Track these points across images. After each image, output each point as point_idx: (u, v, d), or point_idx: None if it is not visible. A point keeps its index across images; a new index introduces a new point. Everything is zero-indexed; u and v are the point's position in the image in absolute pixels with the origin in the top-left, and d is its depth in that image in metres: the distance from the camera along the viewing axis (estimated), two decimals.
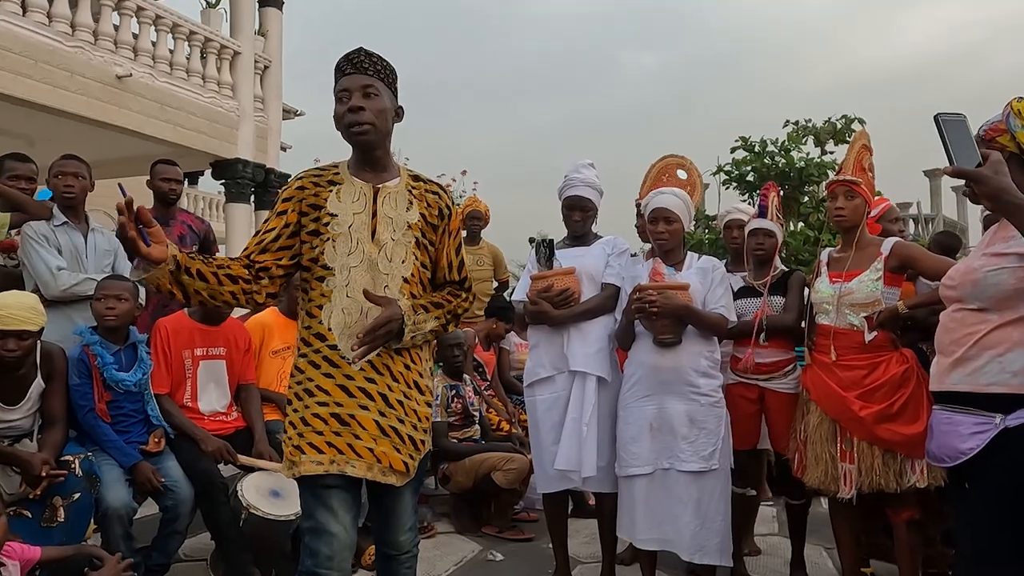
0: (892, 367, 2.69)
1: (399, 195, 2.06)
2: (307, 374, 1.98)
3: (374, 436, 1.95)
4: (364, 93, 1.97)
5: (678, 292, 2.81)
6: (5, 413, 2.72)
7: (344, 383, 1.95)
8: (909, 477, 2.62)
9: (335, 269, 1.97)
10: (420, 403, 2.07)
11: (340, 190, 2.02)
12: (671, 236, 2.94)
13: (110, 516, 2.73)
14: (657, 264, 2.98)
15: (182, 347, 3.30)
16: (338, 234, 1.98)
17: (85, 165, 3.54)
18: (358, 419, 1.94)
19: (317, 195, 2.01)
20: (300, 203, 2.01)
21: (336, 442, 1.93)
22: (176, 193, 4.22)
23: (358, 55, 2.01)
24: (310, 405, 1.95)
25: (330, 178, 2.05)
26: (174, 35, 8.02)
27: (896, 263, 2.76)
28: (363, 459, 1.94)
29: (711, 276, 2.93)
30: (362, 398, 1.95)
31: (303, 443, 1.94)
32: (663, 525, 2.81)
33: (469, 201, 6.32)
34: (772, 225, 3.26)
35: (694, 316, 2.83)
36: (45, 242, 3.33)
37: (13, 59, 6.35)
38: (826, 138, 12.79)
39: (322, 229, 1.99)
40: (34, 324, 2.67)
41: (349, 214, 2.00)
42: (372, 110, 1.97)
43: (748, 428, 3.16)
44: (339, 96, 2.00)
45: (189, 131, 8.09)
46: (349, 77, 1.99)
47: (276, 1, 9.54)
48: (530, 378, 3.17)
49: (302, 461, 1.94)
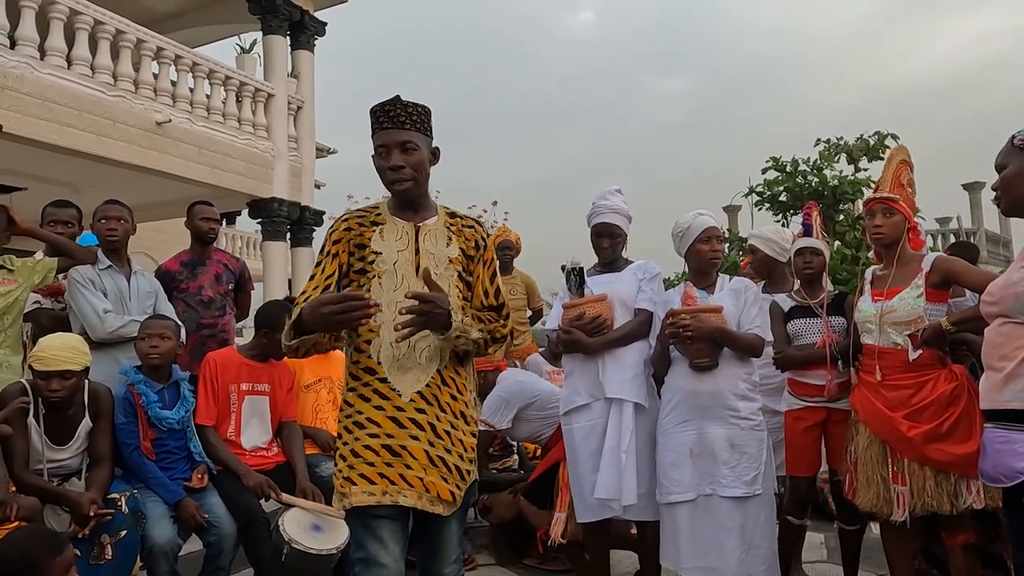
0: (940, 385, 2.62)
1: (439, 232, 2.14)
2: (356, 407, 2.03)
3: (424, 466, 1.99)
4: (402, 149, 2.04)
5: (711, 315, 2.79)
6: (55, 453, 2.78)
7: (395, 415, 1.99)
8: (965, 498, 2.54)
9: (381, 304, 2.01)
10: (466, 433, 2.10)
11: (383, 229, 2.10)
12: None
13: (156, 553, 2.76)
14: (688, 288, 2.96)
15: (229, 381, 3.35)
16: (383, 271, 2.05)
17: (127, 209, 3.64)
18: (409, 449, 1.98)
19: (362, 235, 2.09)
20: (348, 244, 2.09)
21: (388, 473, 1.97)
22: (214, 233, 4.32)
23: (394, 107, 2.06)
24: (360, 437, 2.00)
25: (373, 219, 2.13)
26: (210, 80, 8.28)
27: (938, 279, 2.70)
28: (413, 488, 1.97)
29: (744, 296, 2.91)
30: (412, 429, 1.99)
31: (354, 475, 1.98)
32: (708, 552, 2.75)
33: (500, 231, 6.33)
34: (818, 243, 3.24)
35: (729, 338, 2.80)
36: (91, 286, 3.42)
37: (59, 110, 6.61)
38: (859, 155, 12.64)
39: (368, 267, 2.06)
40: (77, 364, 2.74)
41: (393, 252, 2.07)
42: (411, 165, 2.05)
43: (811, 455, 3.10)
44: (378, 150, 2.07)
45: (226, 172, 8.31)
46: (387, 132, 2.05)
47: (308, 44, 9.81)
48: (566, 406, 3.14)
49: (353, 492, 1.97)
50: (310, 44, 9.86)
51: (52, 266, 3.35)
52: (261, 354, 3.44)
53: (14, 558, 2.15)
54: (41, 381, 2.69)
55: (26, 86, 6.38)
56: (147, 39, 7.50)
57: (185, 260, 4.21)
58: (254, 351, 3.45)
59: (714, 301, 2.89)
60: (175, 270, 4.15)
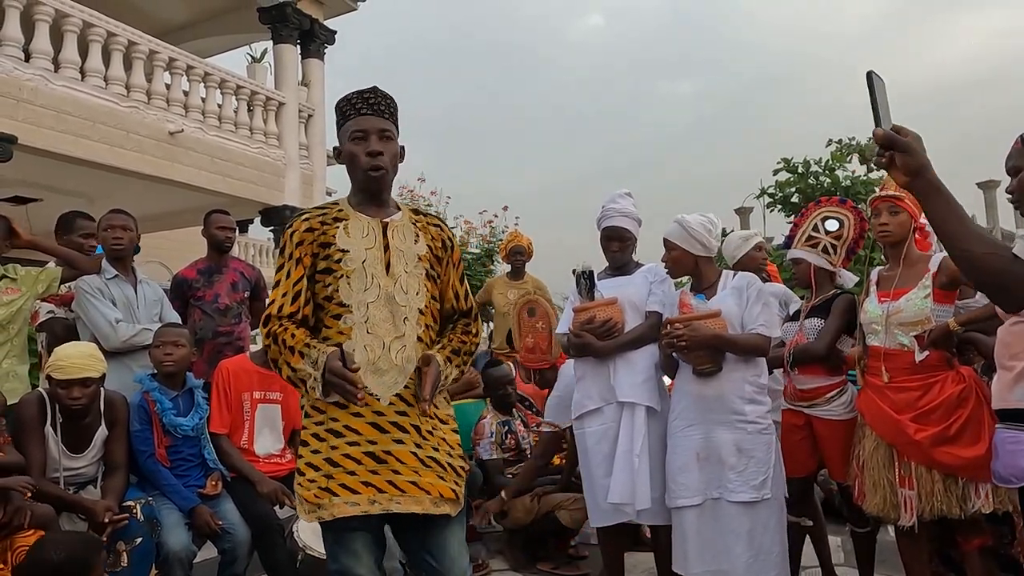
0: (948, 387, 2.59)
1: (406, 228, 2.09)
2: (330, 414, 1.95)
3: (415, 468, 1.93)
4: (381, 136, 2.02)
5: (708, 321, 2.74)
6: (71, 461, 2.82)
7: (375, 420, 1.93)
8: (973, 502, 2.51)
9: (352, 306, 1.97)
10: (448, 432, 2.06)
11: (347, 225, 2.03)
12: (673, 263, 2.96)
13: (171, 560, 2.78)
14: (683, 295, 2.95)
15: (242, 389, 3.38)
16: (352, 270, 1.98)
17: (132, 219, 3.66)
18: (395, 454, 1.92)
19: (325, 233, 2.01)
20: (312, 244, 2.01)
21: (374, 480, 1.90)
22: (231, 241, 4.35)
23: (374, 95, 2.04)
24: (338, 446, 1.92)
25: (335, 215, 2.06)
26: (222, 90, 8.36)
27: (946, 279, 2.66)
28: (407, 493, 1.91)
29: (746, 294, 2.85)
30: (396, 432, 1.94)
31: (333, 484, 1.90)
32: (716, 557, 2.73)
33: (511, 236, 6.31)
34: (798, 252, 3.18)
35: (727, 343, 2.75)
36: (100, 295, 3.44)
37: (74, 122, 6.69)
38: (872, 155, 12.56)
39: (334, 266, 1.99)
40: (95, 370, 2.78)
41: (361, 249, 2.00)
42: (388, 154, 2.03)
43: (799, 455, 3.08)
44: (355, 136, 2.02)
45: (238, 181, 8.37)
46: (367, 119, 2.02)
47: (318, 52, 9.88)
48: (578, 410, 3.14)
49: (334, 503, 1.89)
50: (320, 53, 9.92)
51: (56, 275, 3.38)
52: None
53: (63, 561, 2.20)
54: (62, 390, 2.73)
55: (41, 98, 6.46)
56: (159, 50, 7.58)
57: (202, 268, 4.24)
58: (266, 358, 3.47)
59: (715, 303, 2.85)
60: (192, 278, 4.19)
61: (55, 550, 2.23)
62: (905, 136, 1.46)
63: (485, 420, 4.24)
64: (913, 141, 1.47)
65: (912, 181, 1.49)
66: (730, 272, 3.01)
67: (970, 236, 1.49)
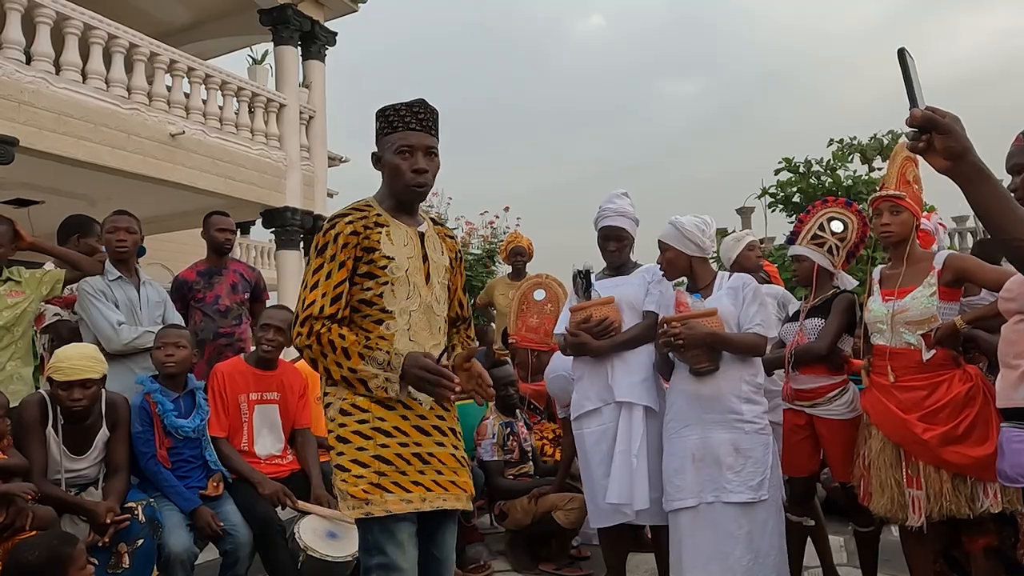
0: (955, 386, 2.58)
1: (435, 240, 2.16)
2: (376, 413, 2.00)
3: (454, 469, 2.06)
4: (427, 153, 2.04)
5: (704, 319, 2.74)
6: (73, 463, 2.81)
7: (419, 423, 2.03)
8: (982, 502, 2.49)
9: (394, 312, 2.01)
10: (456, 424, 2.19)
11: (389, 232, 2.05)
12: (667, 264, 2.96)
13: (172, 561, 2.78)
14: (680, 294, 2.95)
15: (238, 392, 3.37)
16: (396, 278, 2.02)
17: (135, 220, 3.67)
18: (437, 455, 2.04)
19: (368, 238, 2.02)
20: (355, 248, 2.01)
21: (422, 480, 2.00)
22: (231, 243, 4.35)
23: (423, 110, 2.05)
24: (390, 445, 1.98)
25: (375, 220, 2.06)
26: (223, 92, 8.35)
27: (951, 277, 2.65)
28: (449, 492, 2.03)
29: (742, 294, 2.84)
30: (436, 435, 2.05)
31: (386, 482, 1.96)
32: (710, 563, 2.68)
33: (511, 237, 6.32)
34: (801, 249, 3.18)
35: (723, 341, 2.74)
36: (103, 297, 3.44)
37: (75, 124, 6.69)
38: (873, 155, 12.55)
39: (378, 272, 2.01)
40: (96, 372, 2.78)
41: (404, 258, 2.05)
42: (432, 171, 2.06)
43: (801, 455, 3.07)
44: (401, 149, 2.02)
45: (239, 183, 8.37)
46: (415, 134, 2.03)
47: (319, 54, 9.88)
48: (576, 411, 3.14)
49: (386, 500, 1.95)
50: (321, 54, 9.92)
51: (59, 277, 3.37)
52: (266, 361, 3.46)
53: (42, 560, 2.20)
54: (62, 392, 2.72)
55: (42, 101, 6.46)
56: (160, 52, 7.58)
57: (202, 270, 4.25)
58: (259, 358, 3.47)
59: (711, 302, 2.84)
60: (192, 280, 4.19)
61: (30, 551, 2.22)
62: (943, 117, 1.31)
63: (487, 421, 4.23)
64: (953, 122, 1.31)
65: (954, 165, 1.31)
66: (725, 273, 3.01)
67: (1022, 224, 1.34)
